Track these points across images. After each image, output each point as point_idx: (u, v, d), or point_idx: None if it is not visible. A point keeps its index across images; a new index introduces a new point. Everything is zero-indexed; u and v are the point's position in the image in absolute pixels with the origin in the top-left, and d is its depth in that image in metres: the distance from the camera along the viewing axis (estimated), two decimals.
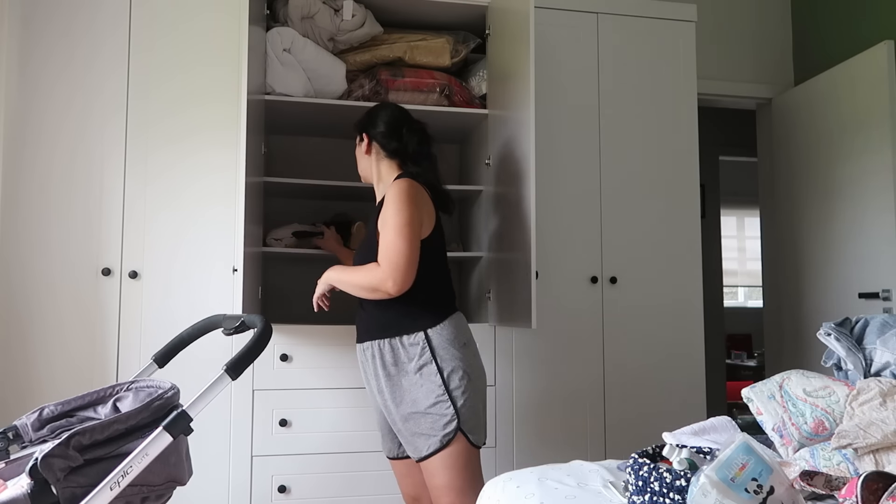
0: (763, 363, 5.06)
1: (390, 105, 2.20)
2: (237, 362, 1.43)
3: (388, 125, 2.11)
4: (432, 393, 1.90)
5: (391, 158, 2.12)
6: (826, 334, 1.93)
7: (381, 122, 2.13)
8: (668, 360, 2.97)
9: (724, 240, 5.91)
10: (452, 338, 1.95)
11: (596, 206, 2.97)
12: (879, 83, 3.17)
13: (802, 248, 3.66)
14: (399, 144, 2.10)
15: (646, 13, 3.08)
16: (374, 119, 2.15)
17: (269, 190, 2.78)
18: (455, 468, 1.90)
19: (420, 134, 2.13)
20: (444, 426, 1.89)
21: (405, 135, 2.11)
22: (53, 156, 2.54)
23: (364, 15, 2.66)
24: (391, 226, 1.89)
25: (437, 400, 1.90)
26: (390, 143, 2.11)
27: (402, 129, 2.12)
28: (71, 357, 2.48)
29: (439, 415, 1.89)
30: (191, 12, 2.66)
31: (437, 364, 1.91)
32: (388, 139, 2.11)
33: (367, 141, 2.14)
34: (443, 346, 1.93)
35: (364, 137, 2.15)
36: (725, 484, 1.13)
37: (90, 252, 2.53)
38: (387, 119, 2.13)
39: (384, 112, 2.15)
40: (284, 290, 2.98)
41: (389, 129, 2.11)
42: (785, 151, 3.80)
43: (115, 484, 1.26)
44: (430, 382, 1.91)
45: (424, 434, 1.91)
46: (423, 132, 2.15)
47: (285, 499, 2.49)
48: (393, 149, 2.10)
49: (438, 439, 1.89)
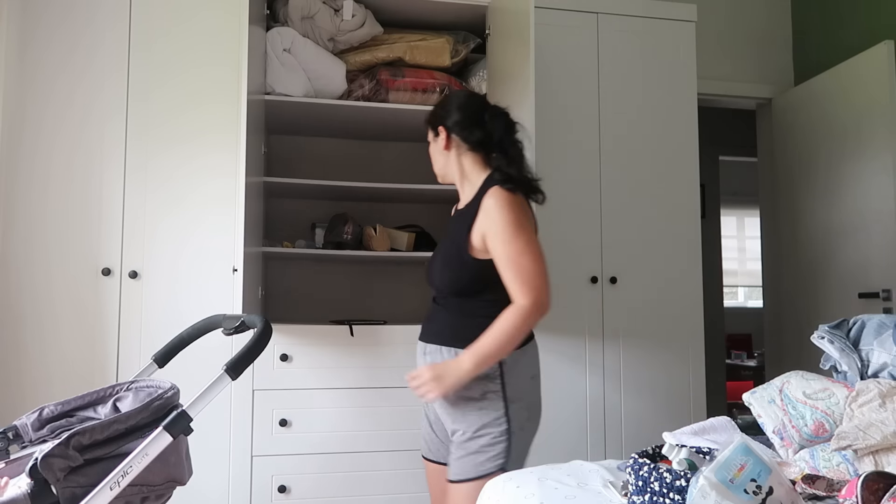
0: (763, 363, 5.06)
1: (463, 91, 1.95)
2: (237, 362, 1.43)
3: (466, 113, 1.86)
4: (490, 422, 1.74)
5: (475, 151, 1.86)
6: (820, 338, 1.93)
7: (456, 111, 1.87)
8: (668, 359, 2.97)
9: (724, 240, 5.91)
10: (526, 369, 1.79)
11: (596, 206, 2.97)
12: (879, 83, 3.17)
13: (802, 249, 3.65)
14: (483, 133, 1.85)
15: (646, 13, 3.08)
16: (449, 109, 1.89)
17: (269, 190, 2.78)
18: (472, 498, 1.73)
19: (505, 118, 1.87)
20: (489, 459, 1.73)
21: (488, 121, 1.85)
22: (53, 156, 2.54)
23: (364, 15, 2.66)
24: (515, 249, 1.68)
25: (492, 431, 1.73)
26: (473, 133, 1.85)
27: (483, 115, 1.86)
28: (71, 357, 2.48)
29: (489, 445, 1.73)
30: (191, 12, 2.66)
31: (504, 394, 1.75)
32: (469, 129, 1.85)
33: (446, 135, 1.88)
34: (514, 376, 1.76)
35: (440, 131, 1.89)
36: (724, 485, 1.13)
37: (90, 252, 2.53)
38: (464, 106, 1.88)
39: (458, 99, 1.91)
40: (284, 290, 2.98)
41: (469, 117, 1.86)
42: (785, 151, 3.80)
43: (115, 484, 1.26)
44: (492, 410, 1.74)
45: (465, 458, 1.75)
46: (508, 116, 1.89)
47: (285, 499, 2.49)
48: (477, 139, 1.85)
49: (476, 469, 1.73)
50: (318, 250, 2.70)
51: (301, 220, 3.02)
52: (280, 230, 3.00)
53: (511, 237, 1.70)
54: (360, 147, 3.08)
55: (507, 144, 1.85)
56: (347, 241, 2.70)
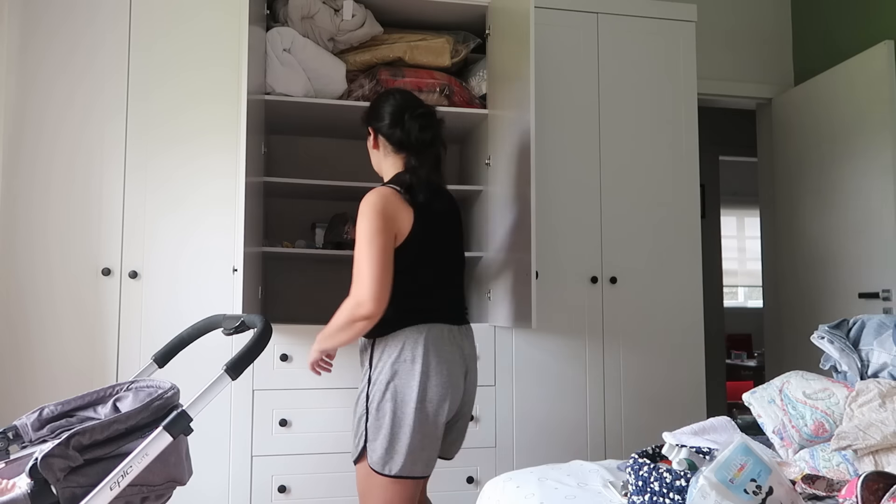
0: (763, 363, 5.06)
1: (394, 91, 1.97)
2: (237, 362, 1.43)
3: (391, 114, 1.90)
4: (361, 399, 1.84)
5: (398, 153, 1.92)
6: (819, 338, 1.93)
7: (382, 111, 1.92)
8: (668, 360, 2.97)
9: (724, 240, 5.92)
10: (397, 353, 1.80)
11: (596, 207, 2.97)
12: (879, 83, 3.17)
13: (802, 248, 3.66)
14: (402, 133, 1.89)
15: (646, 13, 3.08)
16: (377, 108, 1.95)
17: (269, 190, 2.78)
18: (362, 485, 1.83)
19: (422, 119, 1.90)
20: (357, 443, 1.82)
21: (407, 122, 1.88)
22: (54, 155, 2.54)
23: (364, 15, 2.66)
24: (359, 251, 1.77)
25: (360, 413, 1.83)
26: (394, 134, 1.90)
27: (404, 115, 1.89)
28: (71, 357, 2.48)
29: (358, 427, 1.83)
30: (191, 12, 2.66)
31: (370, 376, 1.83)
32: (391, 129, 1.90)
33: (374, 134, 1.96)
34: (382, 360, 1.81)
35: (370, 131, 1.97)
36: (724, 485, 1.13)
37: (90, 252, 2.53)
38: (387, 106, 1.92)
39: (387, 100, 1.94)
40: (284, 290, 2.99)
41: (391, 116, 1.90)
42: (785, 151, 3.80)
43: (114, 484, 1.26)
44: (362, 392, 1.85)
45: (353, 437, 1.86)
46: (427, 116, 1.91)
47: (285, 499, 2.50)
48: (398, 139, 1.90)
49: (355, 451, 1.84)
50: (318, 250, 2.70)
51: (301, 220, 3.02)
52: (280, 230, 3.00)
53: (360, 241, 1.77)
54: (361, 147, 3.08)
55: (421, 145, 1.89)
56: (347, 241, 2.71)
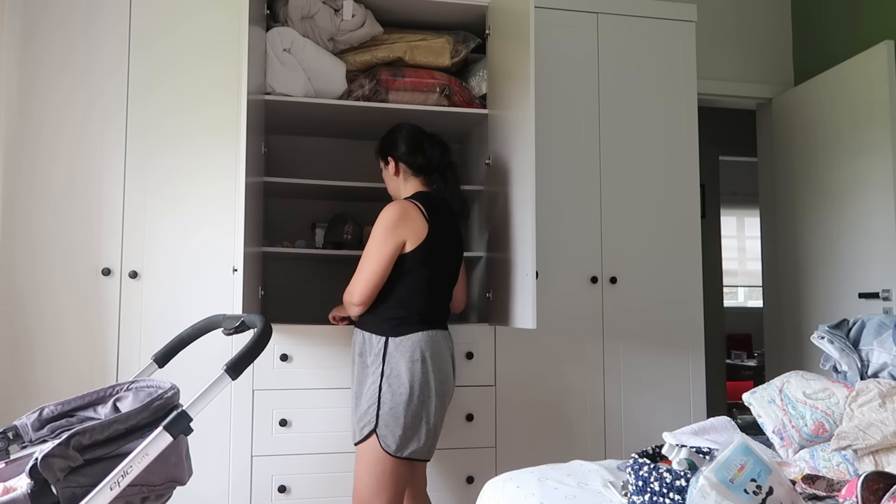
0: (763, 363, 5.06)
1: (404, 125, 2.33)
2: (237, 362, 1.43)
3: (408, 144, 2.27)
4: (371, 390, 2.11)
5: (417, 176, 2.28)
6: (819, 338, 1.93)
7: (401, 143, 2.28)
8: (668, 359, 2.97)
9: (724, 240, 5.91)
10: (409, 353, 2.10)
11: (596, 206, 2.97)
12: (879, 83, 3.17)
13: (802, 248, 3.66)
14: (424, 159, 2.27)
15: (646, 13, 3.08)
16: (395, 141, 2.29)
17: (269, 190, 2.78)
18: (367, 463, 2.08)
19: (440, 146, 2.29)
20: (367, 423, 2.09)
21: (427, 149, 2.27)
22: (54, 155, 2.54)
23: (364, 15, 2.66)
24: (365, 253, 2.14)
25: (371, 397, 2.10)
26: (416, 160, 2.27)
27: (423, 144, 2.28)
28: (71, 357, 2.48)
29: (367, 411, 2.10)
30: (191, 12, 2.66)
31: (382, 370, 2.11)
32: (412, 157, 2.27)
33: (395, 163, 2.29)
34: (395, 358, 2.10)
35: (389, 161, 2.30)
36: (724, 485, 1.13)
37: (90, 252, 2.53)
38: (407, 138, 2.28)
39: (401, 132, 2.30)
40: (284, 290, 2.98)
41: (411, 147, 2.27)
42: (785, 151, 3.80)
43: (115, 484, 1.26)
44: (374, 384, 2.11)
45: (359, 422, 2.13)
46: (443, 144, 2.31)
47: (285, 499, 2.49)
48: (419, 165, 2.27)
49: (361, 431, 2.11)
50: (318, 250, 2.70)
51: (301, 220, 3.02)
52: (280, 230, 3.00)
53: (370, 246, 2.13)
54: (361, 147, 3.08)
55: (443, 167, 2.29)
56: (347, 241, 2.71)
